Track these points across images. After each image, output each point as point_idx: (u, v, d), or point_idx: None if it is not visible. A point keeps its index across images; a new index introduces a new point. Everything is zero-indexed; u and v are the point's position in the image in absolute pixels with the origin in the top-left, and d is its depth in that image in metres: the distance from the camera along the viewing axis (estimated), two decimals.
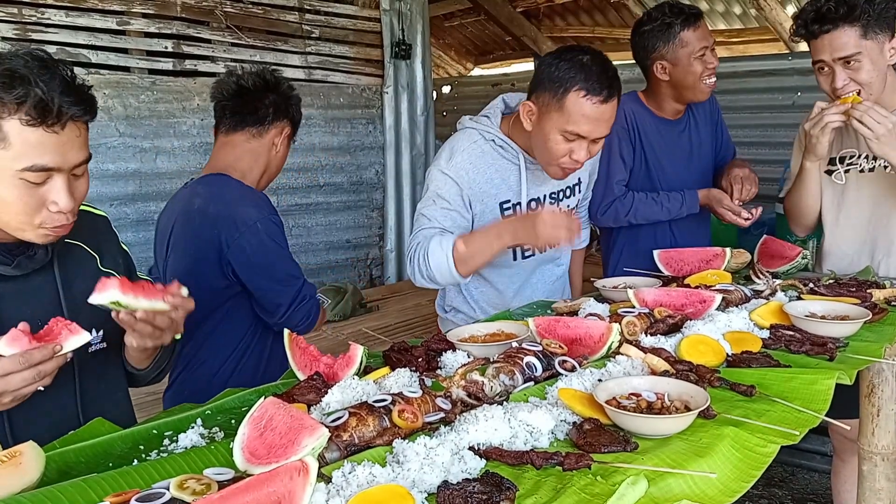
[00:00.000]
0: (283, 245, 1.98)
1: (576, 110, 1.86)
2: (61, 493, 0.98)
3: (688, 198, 2.49)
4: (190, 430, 1.21)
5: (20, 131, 1.21)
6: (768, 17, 5.18)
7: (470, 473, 1.03)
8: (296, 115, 2.15)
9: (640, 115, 2.56)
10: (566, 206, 2.23)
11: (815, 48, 2.10)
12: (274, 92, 2.08)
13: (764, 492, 3.33)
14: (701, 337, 1.57)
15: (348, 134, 5.17)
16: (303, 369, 1.51)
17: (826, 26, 2.04)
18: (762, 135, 5.05)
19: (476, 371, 1.36)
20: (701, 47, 2.40)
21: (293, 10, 4.81)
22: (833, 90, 2.10)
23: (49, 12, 3.92)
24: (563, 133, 1.89)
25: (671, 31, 2.39)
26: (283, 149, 2.14)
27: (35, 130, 1.21)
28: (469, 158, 2.02)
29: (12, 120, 1.21)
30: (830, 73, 2.09)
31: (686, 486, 1.03)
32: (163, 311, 1.31)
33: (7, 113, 1.21)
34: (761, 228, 4.27)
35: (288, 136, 2.13)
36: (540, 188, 2.13)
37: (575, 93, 1.85)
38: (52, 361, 1.19)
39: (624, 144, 2.53)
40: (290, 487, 0.90)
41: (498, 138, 2.05)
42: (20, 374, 1.15)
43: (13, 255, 1.34)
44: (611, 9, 6.28)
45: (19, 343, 1.17)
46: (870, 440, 1.92)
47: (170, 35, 4.33)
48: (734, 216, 2.39)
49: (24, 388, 1.17)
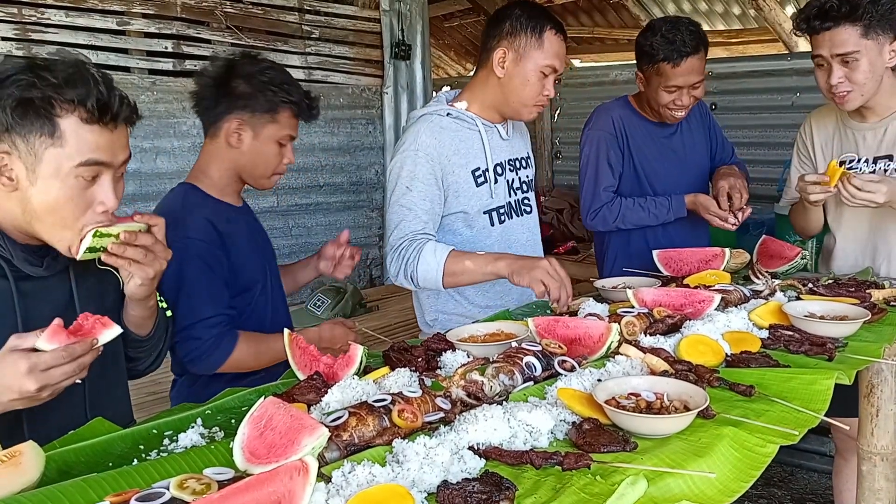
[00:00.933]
0: (186, 273, 1.78)
1: (552, 47, 2.06)
2: (61, 493, 0.98)
3: (674, 203, 2.51)
4: (190, 430, 1.21)
5: (77, 129, 1.27)
6: (767, 18, 5.18)
7: (469, 473, 1.03)
8: (265, 103, 1.86)
9: (629, 120, 2.59)
10: (526, 175, 2.30)
11: (815, 43, 2.11)
12: (229, 81, 1.87)
13: (763, 492, 3.33)
14: (700, 337, 1.57)
15: (348, 134, 5.17)
16: (303, 369, 1.51)
17: (827, 23, 2.04)
18: (761, 135, 5.05)
19: (476, 371, 1.36)
20: (673, 84, 2.41)
21: (293, 10, 4.82)
22: (828, 87, 2.11)
23: (49, 12, 3.92)
24: (542, 69, 2.06)
25: (654, 58, 2.42)
26: (246, 143, 1.88)
27: (92, 128, 1.28)
28: (432, 135, 2.09)
29: (70, 117, 1.26)
30: (828, 68, 2.10)
31: (685, 486, 1.04)
32: (140, 231, 1.36)
33: (65, 111, 1.26)
34: (760, 229, 4.27)
35: (240, 128, 1.87)
36: (502, 154, 2.22)
37: (549, 31, 2.06)
38: (90, 354, 1.23)
39: (612, 151, 2.56)
40: (290, 487, 0.90)
41: (453, 111, 2.15)
42: (62, 367, 1.18)
43: (40, 257, 1.39)
44: (610, 9, 6.29)
45: (58, 338, 1.19)
46: (869, 440, 1.92)
47: (170, 35, 4.34)
48: (721, 222, 2.42)
49: (64, 382, 1.21)
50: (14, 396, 1.18)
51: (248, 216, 2.07)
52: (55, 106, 1.26)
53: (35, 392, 1.17)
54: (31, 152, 1.27)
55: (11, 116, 1.24)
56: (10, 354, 1.17)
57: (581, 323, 1.62)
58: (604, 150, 2.55)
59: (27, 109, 1.25)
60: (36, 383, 1.16)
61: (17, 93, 1.24)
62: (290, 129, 1.93)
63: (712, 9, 5.65)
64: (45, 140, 1.26)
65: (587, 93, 6.51)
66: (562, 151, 6.76)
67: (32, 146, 1.26)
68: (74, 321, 1.25)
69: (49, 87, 1.25)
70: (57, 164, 1.27)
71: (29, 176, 1.28)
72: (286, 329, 1.60)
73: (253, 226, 2.08)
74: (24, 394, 1.17)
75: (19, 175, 1.28)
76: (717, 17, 5.73)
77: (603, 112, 2.64)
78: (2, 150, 1.27)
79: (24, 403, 1.20)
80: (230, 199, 1.99)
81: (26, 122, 1.25)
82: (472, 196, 2.12)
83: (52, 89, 1.25)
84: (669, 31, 2.39)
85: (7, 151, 1.27)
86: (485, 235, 2.17)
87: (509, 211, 2.22)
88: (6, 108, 1.24)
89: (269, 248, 2.13)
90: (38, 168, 1.27)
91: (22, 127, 1.25)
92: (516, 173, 2.27)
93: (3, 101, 1.24)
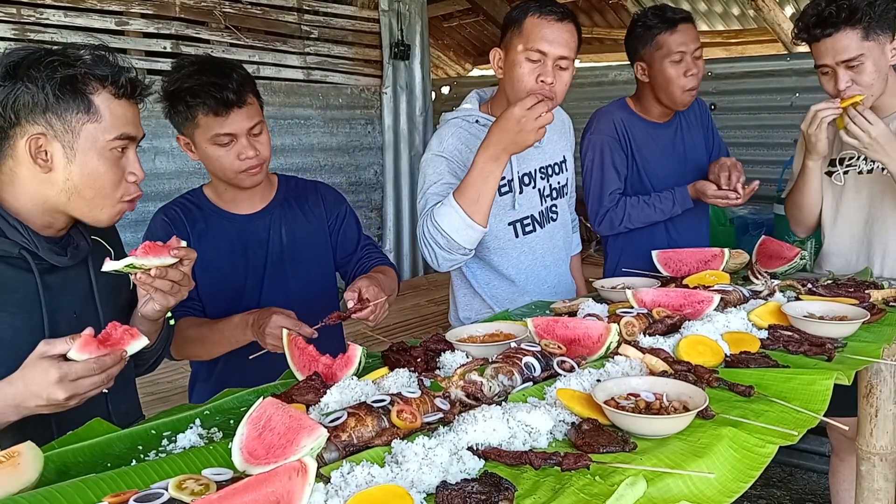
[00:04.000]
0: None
1: (534, 30, 1.97)
2: (59, 494, 0.98)
3: (678, 195, 2.51)
4: (188, 431, 1.21)
5: (109, 103, 1.35)
6: (766, 18, 5.19)
7: (468, 474, 1.03)
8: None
9: (629, 122, 2.59)
10: (557, 182, 2.27)
11: (817, 52, 2.11)
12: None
13: (762, 492, 3.33)
14: (699, 337, 1.57)
15: (347, 134, 5.17)
16: (301, 369, 1.51)
17: (828, 30, 2.05)
18: (760, 135, 5.06)
19: (475, 371, 1.36)
20: (677, 51, 2.42)
21: (292, 10, 4.82)
22: (837, 92, 2.11)
23: (48, 12, 3.92)
24: (527, 54, 1.97)
25: (649, 33, 2.45)
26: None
27: (121, 103, 1.37)
28: (459, 140, 2.09)
29: (103, 94, 1.34)
30: (833, 75, 2.10)
31: (684, 487, 1.04)
32: (172, 265, 1.40)
33: (98, 88, 1.33)
34: (759, 229, 4.28)
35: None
36: (529, 163, 2.18)
37: (531, 16, 1.98)
38: (118, 365, 1.25)
39: (617, 155, 2.56)
40: (289, 488, 0.89)
41: (482, 117, 2.13)
42: (91, 378, 1.21)
43: (64, 247, 1.42)
44: (609, 10, 6.29)
45: (89, 349, 1.21)
46: (868, 440, 1.92)
47: (168, 35, 4.34)
48: (725, 200, 2.41)
49: (92, 392, 1.23)
50: (41, 403, 1.20)
51: (247, 224, 1.97)
52: (89, 83, 1.33)
53: (63, 401, 1.19)
54: (69, 130, 1.32)
55: (52, 95, 1.29)
56: (41, 361, 1.19)
57: (580, 323, 1.62)
58: (608, 155, 2.55)
59: (65, 88, 1.30)
60: (65, 392, 1.18)
61: (57, 72, 1.29)
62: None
63: (711, 9, 5.66)
64: (81, 117, 1.32)
65: (586, 93, 6.51)
66: None
67: (69, 123, 1.32)
68: (103, 330, 1.26)
69: (82, 66, 1.32)
70: (94, 139, 1.34)
71: (67, 153, 1.33)
72: (284, 330, 1.60)
73: (245, 234, 1.97)
74: (52, 401, 1.19)
75: (54, 155, 1.33)
76: (716, 18, 5.73)
77: (604, 115, 2.64)
78: (37, 132, 1.31)
79: (50, 410, 1.22)
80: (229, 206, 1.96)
81: (64, 100, 1.30)
82: (495, 205, 1.99)
83: (86, 67, 1.32)
84: (657, 8, 2.48)
85: (42, 133, 1.31)
86: (511, 246, 2.17)
87: (539, 221, 2.20)
88: (45, 87, 1.29)
89: (262, 257, 1.99)
90: (75, 144, 1.33)
91: (59, 106, 1.30)
92: (548, 180, 2.23)
93: (42, 82, 1.29)
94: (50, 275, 1.39)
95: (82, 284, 1.46)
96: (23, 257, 1.35)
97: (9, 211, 1.35)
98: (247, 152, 1.82)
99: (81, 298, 1.45)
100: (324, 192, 2.11)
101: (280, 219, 2.00)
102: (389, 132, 5.31)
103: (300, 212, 2.03)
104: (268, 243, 1.98)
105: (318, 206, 2.07)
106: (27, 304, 1.36)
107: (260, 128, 1.86)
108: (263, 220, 1.99)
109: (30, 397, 1.19)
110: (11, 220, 1.34)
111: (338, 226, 2.09)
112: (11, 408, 1.20)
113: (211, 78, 1.78)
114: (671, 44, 2.42)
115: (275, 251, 1.99)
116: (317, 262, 2.05)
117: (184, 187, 4.23)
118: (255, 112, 1.85)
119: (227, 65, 1.86)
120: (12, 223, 1.34)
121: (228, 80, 1.78)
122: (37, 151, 1.31)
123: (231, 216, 1.96)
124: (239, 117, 1.80)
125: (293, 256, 2.01)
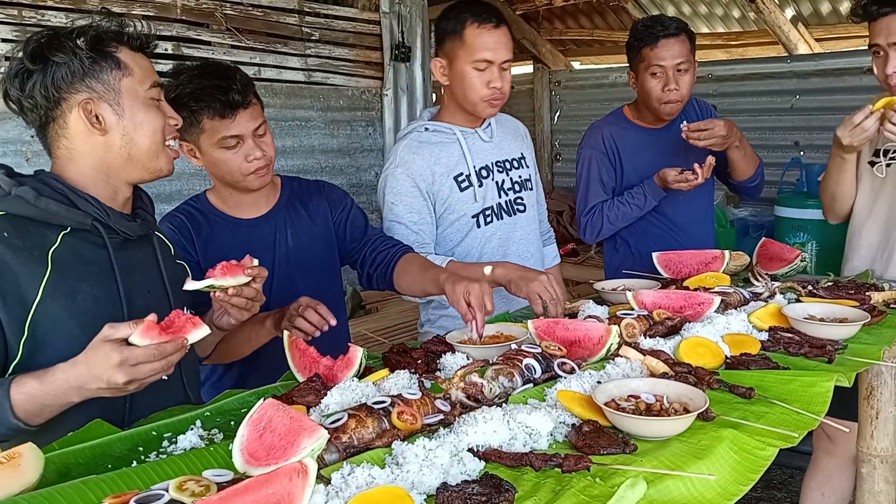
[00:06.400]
0: None
1: (476, 41, 2.04)
2: (60, 495, 0.98)
3: (647, 187, 2.55)
4: (189, 432, 1.22)
5: (133, 58, 1.42)
6: (767, 20, 5.18)
7: (469, 475, 1.03)
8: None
9: (620, 134, 2.65)
10: (518, 176, 2.31)
11: (872, 30, 2.10)
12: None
13: (763, 494, 3.33)
14: (700, 339, 1.57)
15: (348, 136, 5.17)
16: (302, 371, 1.51)
17: (885, 8, 2.04)
18: (760, 137, 5.04)
19: (475, 373, 1.36)
20: (656, 65, 2.45)
21: (293, 12, 4.82)
22: (885, 76, 2.09)
23: (49, 14, 3.92)
24: (474, 65, 2.05)
25: (636, 45, 2.51)
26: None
27: (140, 56, 1.44)
28: (410, 150, 2.15)
29: (124, 49, 1.41)
30: (884, 57, 2.08)
31: (685, 489, 1.04)
32: (246, 284, 1.46)
33: (118, 47, 1.40)
34: (760, 231, 4.28)
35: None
36: (486, 157, 2.23)
37: (470, 26, 2.05)
38: (178, 353, 1.25)
39: (604, 169, 2.64)
40: (290, 489, 0.90)
41: (430, 124, 2.20)
42: (151, 364, 1.21)
43: (128, 219, 1.46)
44: (610, 12, 6.28)
45: (151, 334, 1.21)
46: (869, 443, 1.92)
47: (169, 37, 4.34)
48: (686, 183, 2.44)
49: (151, 378, 1.23)
50: (101, 385, 1.21)
51: (253, 229, 1.96)
52: (110, 43, 1.39)
53: (122, 385, 1.20)
54: (110, 89, 1.38)
55: (87, 59, 1.35)
56: (104, 345, 1.20)
57: (581, 325, 1.62)
58: (595, 168, 2.64)
59: (95, 50, 1.36)
60: (125, 377, 1.19)
61: (81, 38, 1.36)
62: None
63: (712, 11, 5.65)
64: (116, 73, 1.39)
65: (586, 95, 6.51)
66: (561, 153, 6.76)
67: (108, 83, 1.38)
68: (166, 317, 1.27)
69: (99, 28, 1.39)
70: (134, 92, 1.40)
71: (116, 110, 1.39)
72: (285, 331, 1.60)
73: (251, 238, 1.95)
74: (112, 385, 1.20)
75: (105, 115, 1.38)
76: (716, 20, 5.73)
77: (594, 130, 2.72)
78: (84, 98, 1.36)
79: (111, 393, 1.23)
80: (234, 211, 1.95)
81: (97, 62, 1.36)
82: (458, 201, 2.17)
83: (102, 29, 1.39)
84: (649, 20, 2.53)
85: (90, 98, 1.37)
86: (473, 238, 2.20)
87: (499, 212, 2.24)
88: (77, 54, 1.35)
89: (269, 261, 1.95)
90: (121, 101, 1.39)
91: (95, 68, 1.36)
92: (507, 174, 2.28)
93: (75, 50, 1.35)
94: (120, 252, 1.43)
95: (151, 267, 1.52)
96: (95, 229, 1.39)
97: (76, 186, 1.39)
98: (254, 153, 1.82)
99: (150, 279, 1.50)
100: (327, 190, 2.10)
101: (285, 221, 1.99)
102: (390, 134, 5.31)
103: (305, 213, 2.03)
104: (274, 246, 1.97)
105: (321, 205, 2.06)
106: (103, 276, 1.40)
107: (264, 128, 1.86)
108: (269, 224, 1.97)
109: (91, 379, 1.20)
110: (81, 193, 1.38)
111: (344, 217, 2.07)
112: (74, 389, 1.22)
113: (213, 81, 1.78)
114: (651, 58, 2.47)
115: (281, 254, 1.97)
116: (323, 263, 2.04)
117: (185, 188, 4.23)
118: (258, 113, 1.85)
119: (227, 67, 1.86)
120: (82, 195, 1.38)
121: (232, 82, 1.78)
122: (89, 116, 1.36)
123: (236, 221, 1.95)
124: (244, 118, 1.80)
125: (300, 258, 2.00)
